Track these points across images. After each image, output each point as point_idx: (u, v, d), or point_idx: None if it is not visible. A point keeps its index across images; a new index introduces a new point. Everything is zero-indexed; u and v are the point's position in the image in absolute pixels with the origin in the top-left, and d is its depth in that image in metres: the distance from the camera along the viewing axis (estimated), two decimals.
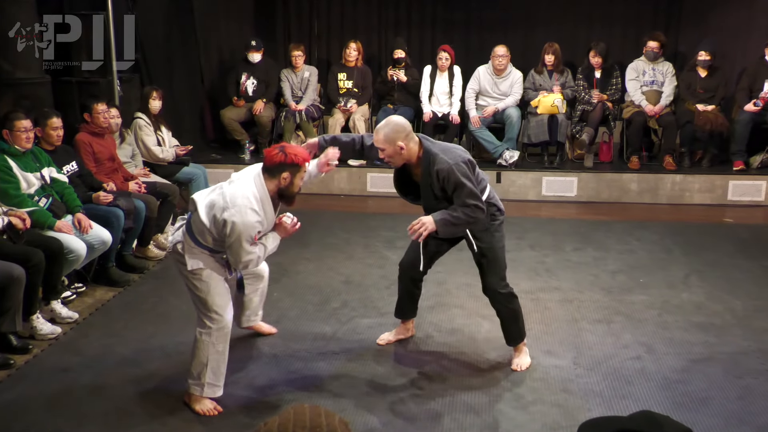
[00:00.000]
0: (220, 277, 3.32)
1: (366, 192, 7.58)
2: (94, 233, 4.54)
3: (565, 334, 4.12)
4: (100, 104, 5.24)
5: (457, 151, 3.45)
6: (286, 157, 3.19)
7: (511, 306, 3.68)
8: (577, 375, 3.65)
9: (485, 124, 7.45)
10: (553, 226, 6.25)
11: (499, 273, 3.62)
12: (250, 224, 3.11)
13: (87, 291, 4.78)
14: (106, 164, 5.31)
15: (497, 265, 3.61)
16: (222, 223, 3.12)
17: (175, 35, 7.51)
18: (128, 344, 4.03)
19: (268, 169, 3.22)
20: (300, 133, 7.88)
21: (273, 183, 3.23)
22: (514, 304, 3.69)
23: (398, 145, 3.40)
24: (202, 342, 3.28)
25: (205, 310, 3.29)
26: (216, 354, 3.29)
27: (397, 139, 3.39)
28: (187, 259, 3.26)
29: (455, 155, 3.41)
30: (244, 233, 3.11)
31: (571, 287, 4.85)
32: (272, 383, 3.55)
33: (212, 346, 3.28)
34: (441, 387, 3.53)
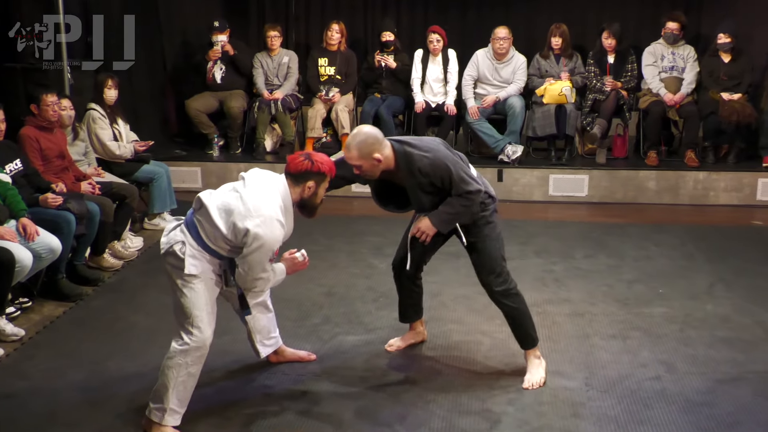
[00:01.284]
0: (213, 290, 3.37)
1: (350, 192, 7.56)
2: (42, 240, 4.52)
3: (576, 352, 4.14)
4: (49, 95, 5.21)
5: (427, 142, 3.60)
6: (313, 164, 3.32)
7: (514, 305, 3.74)
8: (589, 398, 3.66)
9: (485, 116, 7.46)
10: (562, 230, 6.27)
11: (494, 268, 3.67)
12: (276, 238, 3.22)
13: (33, 306, 4.75)
14: (55, 162, 5.29)
15: (490, 259, 3.67)
16: (243, 232, 3.17)
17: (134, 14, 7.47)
18: (81, 366, 4.01)
19: (292, 176, 3.34)
20: (275, 126, 7.88)
21: (296, 192, 3.36)
22: (517, 303, 3.75)
23: (374, 157, 3.48)
24: (174, 361, 3.28)
25: (187, 322, 3.30)
26: (186, 376, 3.29)
27: (373, 151, 3.47)
28: (186, 262, 3.27)
29: (429, 146, 3.55)
30: (267, 247, 3.18)
31: (582, 299, 4.87)
32: (245, 411, 3.54)
33: (184, 367, 3.28)
34: (436, 412, 3.53)
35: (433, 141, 3.62)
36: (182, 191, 7.22)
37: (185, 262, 3.27)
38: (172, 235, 3.39)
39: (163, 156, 7.02)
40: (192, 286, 3.29)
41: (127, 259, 5.64)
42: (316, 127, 7.62)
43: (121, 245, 5.70)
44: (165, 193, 6.29)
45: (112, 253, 5.56)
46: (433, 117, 7.66)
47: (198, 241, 3.29)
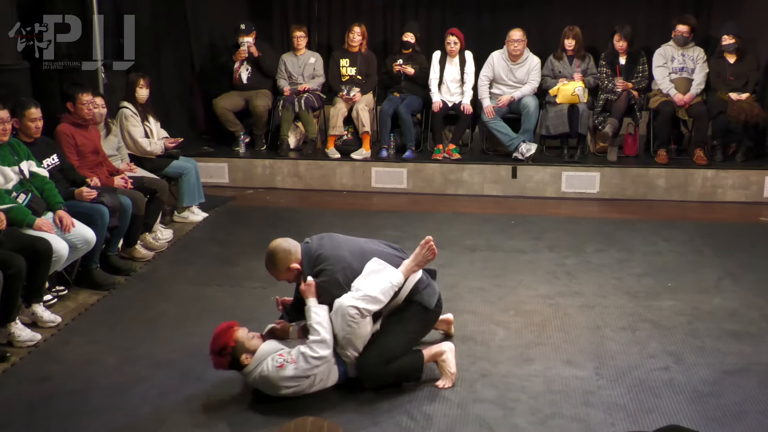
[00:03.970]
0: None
1: (371, 188, 7.58)
2: (77, 232, 4.56)
3: (587, 343, 4.12)
4: (85, 94, 5.24)
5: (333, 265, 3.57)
6: (215, 355, 3.47)
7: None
8: (599, 387, 3.65)
9: (500, 115, 7.44)
10: (574, 226, 6.24)
11: (384, 353, 3.52)
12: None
13: (69, 294, 4.80)
14: (89, 158, 5.33)
15: (387, 343, 3.54)
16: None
17: (163, 17, 7.53)
18: (113, 352, 4.04)
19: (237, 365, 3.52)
20: (299, 124, 7.90)
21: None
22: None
23: (292, 267, 3.62)
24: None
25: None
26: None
27: (289, 262, 3.61)
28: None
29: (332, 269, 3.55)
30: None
31: (593, 292, 4.85)
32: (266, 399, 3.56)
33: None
34: (451, 399, 3.53)
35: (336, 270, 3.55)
36: (210, 186, 7.27)
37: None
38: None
39: (191, 152, 7.06)
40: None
41: (158, 250, 5.67)
42: (338, 126, 7.63)
43: (151, 237, 5.74)
44: (194, 187, 6.32)
45: (143, 245, 5.60)
46: (450, 116, 7.64)
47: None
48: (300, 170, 7.65)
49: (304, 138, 7.90)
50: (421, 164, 7.50)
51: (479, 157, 7.68)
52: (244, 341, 3.43)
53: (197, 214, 6.47)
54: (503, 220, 6.45)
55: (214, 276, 5.16)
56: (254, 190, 7.62)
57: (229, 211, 6.88)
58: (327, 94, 8.01)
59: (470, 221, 6.44)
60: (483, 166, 7.43)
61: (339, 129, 7.66)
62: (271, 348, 3.47)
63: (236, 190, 7.57)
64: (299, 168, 7.65)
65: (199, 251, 5.72)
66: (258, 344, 3.47)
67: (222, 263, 5.42)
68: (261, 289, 4.84)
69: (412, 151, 7.59)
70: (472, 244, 5.81)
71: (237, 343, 3.42)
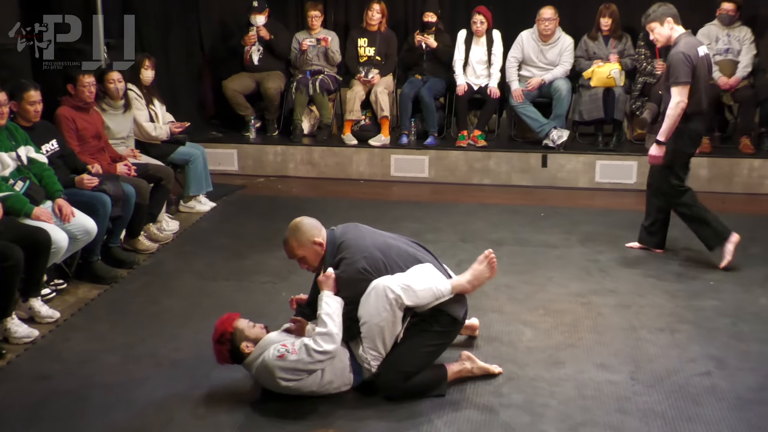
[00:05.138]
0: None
1: (389, 177, 7.56)
2: (77, 222, 4.58)
3: (622, 345, 4.09)
4: (86, 76, 5.27)
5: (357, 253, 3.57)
6: (218, 344, 3.53)
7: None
8: (635, 392, 3.62)
9: (529, 99, 7.40)
10: (608, 218, 6.20)
11: (404, 367, 3.50)
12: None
13: (68, 288, 4.82)
14: (91, 143, 5.35)
15: (408, 356, 3.51)
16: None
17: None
18: (115, 350, 4.06)
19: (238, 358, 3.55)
20: (313, 108, 7.89)
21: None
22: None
23: (315, 241, 3.61)
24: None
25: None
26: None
27: (312, 236, 3.61)
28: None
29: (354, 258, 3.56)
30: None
31: (629, 290, 4.81)
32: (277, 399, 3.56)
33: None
34: (476, 404, 3.52)
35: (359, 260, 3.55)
36: (218, 174, 7.29)
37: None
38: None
39: (199, 138, 7.08)
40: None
41: (163, 242, 5.69)
42: (355, 110, 7.61)
43: (156, 228, 5.76)
44: (201, 175, 6.33)
45: (147, 236, 5.62)
46: (476, 100, 7.61)
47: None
48: (314, 157, 7.64)
49: (319, 123, 7.89)
50: (443, 152, 7.47)
51: (507, 145, 7.64)
52: (244, 329, 3.48)
53: (204, 204, 6.48)
54: (532, 212, 6.41)
55: (221, 270, 5.17)
56: (265, 178, 7.63)
57: (239, 201, 6.89)
58: (344, 77, 8.00)
59: (496, 213, 6.41)
60: (511, 154, 7.39)
61: (356, 113, 7.64)
62: (277, 338, 3.49)
63: (246, 178, 7.58)
64: (313, 155, 7.65)
65: (207, 243, 5.73)
66: (261, 333, 3.50)
67: (230, 256, 5.43)
68: (271, 284, 4.85)
69: (435, 137, 7.56)
70: (498, 237, 5.78)
71: (236, 330, 3.46)
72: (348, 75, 7.94)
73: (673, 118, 4.99)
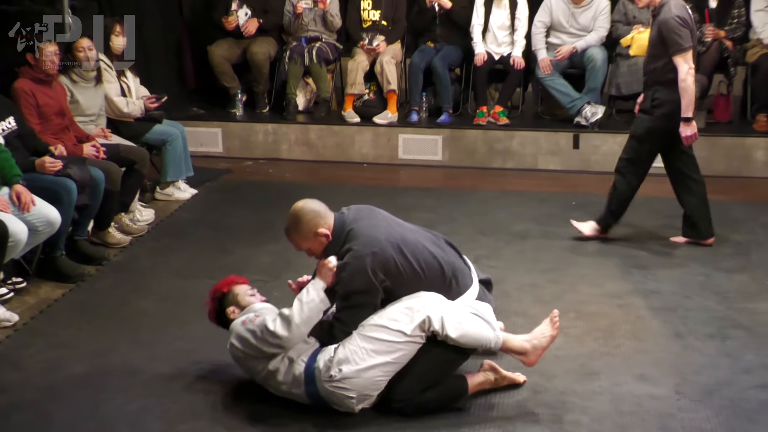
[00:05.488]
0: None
1: (397, 159, 7.56)
2: (38, 211, 4.58)
3: (665, 353, 4.09)
4: (49, 44, 5.27)
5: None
6: (213, 301, 3.80)
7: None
8: (679, 408, 3.62)
9: (559, 70, 7.39)
10: (649, 208, 6.19)
11: (421, 378, 3.50)
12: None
13: (28, 288, 4.83)
14: (53, 120, 5.35)
15: (425, 366, 3.50)
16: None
17: None
18: (82, 358, 4.06)
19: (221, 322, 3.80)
20: (309, 81, 7.88)
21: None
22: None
23: (319, 233, 3.60)
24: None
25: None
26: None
27: (316, 226, 3.60)
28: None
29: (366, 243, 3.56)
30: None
31: (674, 290, 4.81)
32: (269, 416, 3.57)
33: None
34: (496, 421, 3.52)
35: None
36: (200, 156, 7.30)
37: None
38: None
39: (178, 115, 7.08)
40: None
41: (136, 234, 5.70)
42: (357, 82, 7.60)
43: (128, 218, 5.76)
44: (180, 157, 6.34)
45: (118, 228, 5.62)
46: (497, 71, 7.60)
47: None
48: (310, 137, 7.65)
49: (316, 98, 7.89)
50: (459, 131, 7.47)
51: (532, 123, 7.64)
52: (239, 294, 3.69)
53: (184, 191, 6.49)
54: (562, 200, 6.41)
55: (204, 267, 5.18)
56: (254, 161, 7.64)
57: (224, 188, 6.89)
58: (344, 44, 7.99)
59: (520, 202, 6.40)
60: (537, 133, 7.38)
61: (359, 87, 7.64)
62: (262, 307, 3.64)
63: (232, 161, 7.59)
64: (309, 134, 7.65)
65: (187, 236, 5.75)
66: (252, 302, 3.66)
67: (214, 251, 5.44)
68: (262, 282, 4.84)
69: (449, 114, 7.56)
70: (522, 229, 5.77)
71: (230, 292, 3.70)
72: (349, 42, 7.93)
73: (689, 89, 5.09)
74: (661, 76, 5.16)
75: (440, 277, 3.64)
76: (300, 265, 5.03)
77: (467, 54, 7.64)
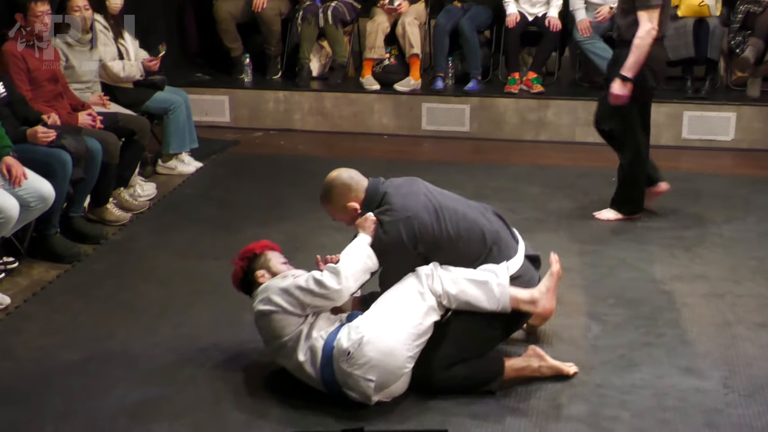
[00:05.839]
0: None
1: (420, 131, 7.55)
2: (30, 186, 4.60)
3: (713, 344, 4.09)
4: (40, 4, 5.27)
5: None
6: (241, 264, 3.86)
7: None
8: (727, 403, 3.62)
9: (599, 32, 7.35)
10: (698, 185, 6.18)
11: (450, 353, 3.57)
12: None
13: (20, 268, 4.87)
14: (46, 87, 5.37)
15: (448, 342, 3.58)
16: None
17: None
18: (78, 345, 4.09)
19: (247, 286, 3.82)
20: (324, 44, 7.87)
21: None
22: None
23: (350, 207, 3.72)
24: None
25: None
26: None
27: (347, 200, 3.73)
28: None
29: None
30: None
31: (723, 275, 4.80)
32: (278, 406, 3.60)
33: None
34: (527, 416, 3.53)
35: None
36: (205, 126, 7.31)
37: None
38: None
39: (181, 81, 7.10)
40: None
41: (136, 211, 5.74)
42: (377, 46, 7.59)
43: (128, 193, 5.80)
44: (183, 127, 6.36)
45: (117, 204, 5.65)
46: (530, 34, 7.56)
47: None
48: (325, 106, 7.65)
49: (331, 63, 7.88)
50: (489, 99, 7.45)
51: (569, 91, 7.61)
52: (272, 259, 3.78)
53: (188, 164, 6.51)
54: (601, 175, 6.38)
55: (210, 247, 5.21)
56: (264, 132, 7.65)
57: (231, 161, 6.91)
58: (363, 4, 7.97)
59: (556, 177, 6.40)
60: (575, 102, 7.36)
61: (378, 51, 7.63)
62: (295, 272, 3.69)
63: (240, 132, 7.60)
64: (324, 103, 7.65)
65: (191, 213, 5.78)
66: (284, 270, 3.74)
67: (220, 230, 5.46)
68: None
69: (478, 81, 7.55)
70: (557, 208, 5.77)
71: (263, 255, 3.79)
72: (368, 2, 7.91)
73: (642, 49, 5.08)
74: (627, 34, 5.15)
75: (480, 243, 3.69)
76: (313, 246, 5.05)
77: (498, 15, 7.61)
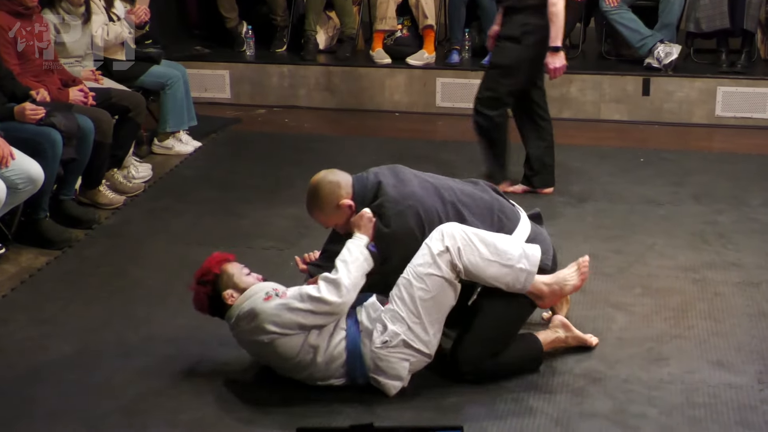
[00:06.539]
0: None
1: (434, 107, 7.55)
2: (18, 166, 4.61)
3: (747, 336, 4.09)
4: None
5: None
6: (198, 285, 3.69)
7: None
8: (763, 399, 3.62)
9: (627, 2, 7.32)
10: (733, 166, 6.17)
11: (490, 342, 3.63)
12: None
13: (8, 254, 4.89)
14: (35, 61, 5.38)
15: (492, 327, 3.63)
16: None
17: None
18: (69, 336, 4.11)
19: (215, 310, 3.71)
20: (332, 14, 7.86)
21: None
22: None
23: (342, 204, 3.67)
24: None
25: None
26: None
27: (337, 198, 3.67)
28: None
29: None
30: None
31: (758, 263, 4.80)
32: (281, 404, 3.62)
33: None
34: (548, 412, 3.54)
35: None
36: (204, 103, 7.32)
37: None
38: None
39: (178, 54, 7.11)
40: None
41: (131, 193, 5.76)
42: (388, 17, 7.58)
43: (122, 175, 5.81)
44: (181, 104, 6.36)
45: (110, 186, 5.68)
46: None
47: None
48: (333, 81, 7.65)
49: (339, 34, 7.87)
50: None
51: (595, 65, 7.60)
52: (234, 274, 3.61)
53: (186, 143, 6.52)
54: (628, 156, 6.38)
55: (209, 232, 5.23)
56: (267, 109, 7.65)
57: (232, 140, 6.92)
58: None
59: (580, 157, 6.39)
60: (600, 77, 7.35)
61: (390, 21, 7.61)
62: (269, 285, 3.60)
63: (241, 109, 7.61)
64: (332, 78, 7.65)
65: (189, 196, 5.80)
66: (252, 282, 3.60)
67: (221, 213, 5.48)
68: (276, 250, 4.88)
69: None
70: (581, 190, 5.76)
71: (223, 273, 3.61)
72: None
73: (560, 15, 5.19)
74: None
75: (487, 214, 3.74)
76: (320, 231, 5.05)
77: None
